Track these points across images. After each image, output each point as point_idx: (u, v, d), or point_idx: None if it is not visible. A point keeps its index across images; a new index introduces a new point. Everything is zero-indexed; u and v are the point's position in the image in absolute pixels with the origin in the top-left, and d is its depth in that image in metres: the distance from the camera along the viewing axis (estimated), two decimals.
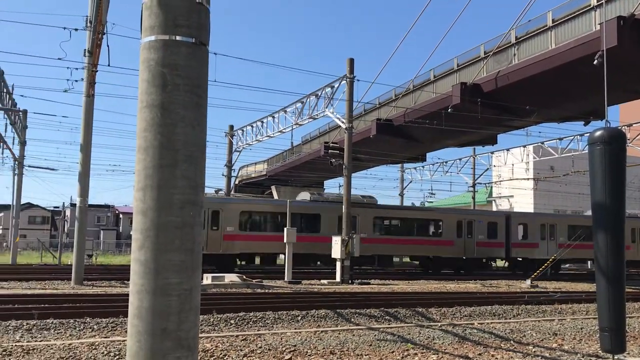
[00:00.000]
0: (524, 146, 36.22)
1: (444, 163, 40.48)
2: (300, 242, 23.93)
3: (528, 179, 46.83)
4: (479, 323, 12.18)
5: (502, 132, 29.36)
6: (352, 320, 12.12)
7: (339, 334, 10.23)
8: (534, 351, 9.20)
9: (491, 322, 12.38)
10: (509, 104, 23.12)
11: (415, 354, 8.74)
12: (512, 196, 55.45)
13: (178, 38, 3.16)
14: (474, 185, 41.53)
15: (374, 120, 29.07)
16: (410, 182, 46.62)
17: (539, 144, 33.70)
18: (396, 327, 11.31)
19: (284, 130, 28.35)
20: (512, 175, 47.04)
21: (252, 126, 31.44)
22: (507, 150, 37.31)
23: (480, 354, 8.84)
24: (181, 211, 3.13)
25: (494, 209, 59.54)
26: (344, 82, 23.03)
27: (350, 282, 21.44)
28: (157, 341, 3.02)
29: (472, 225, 29.72)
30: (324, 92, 24.58)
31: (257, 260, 28.67)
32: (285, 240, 21.56)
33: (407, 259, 34.32)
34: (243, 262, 27.22)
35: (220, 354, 8.23)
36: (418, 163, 40.61)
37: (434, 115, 24.84)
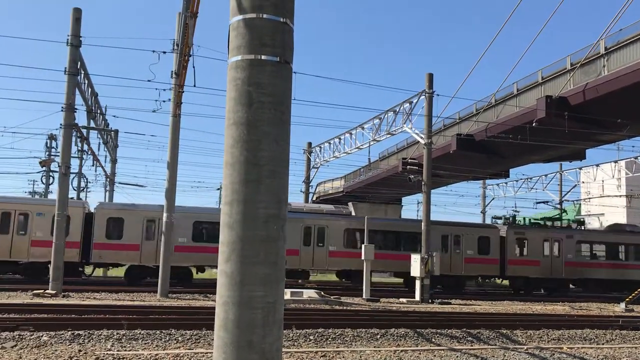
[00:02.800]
0: (616, 161, 34.29)
1: (529, 179, 39.04)
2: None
3: (620, 196, 44.25)
4: (568, 347, 11.56)
5: (591, 147, 27.95)
6: (433, 340, 11.84)
7: (420, 354, 10.02)
8: None
9: (582, 347, 11.72)
10: (599, 117, 22.03)
11: None
12: (602, 214, 52.55)
13: (263, 57, 3.25)
14: (560, 203, 39.73)
15: (454, 135, 28.53)
16: (493, 199, 45.28)
17: (632, 159, 31.83)
18: (479, 348, 10.94)
19: (361, 147, 28.39)
20: (602, 192, 44.61)
21: (329, 143, 31.72)
22: (597, 165, 35.47)
23: None
24: (265, 225, 3.19)
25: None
26: (422, 97, 22.82)
27: (430, 301, 21.00)
28: (242, 353, 3.07)
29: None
30: (402, 107, 24.44)
31: None
32: (363, 258, 21.48)
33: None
34: None
35: None
36: (501, 179, 39.39)
37: (517, 130, 24.06)
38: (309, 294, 18.72)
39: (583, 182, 40.47)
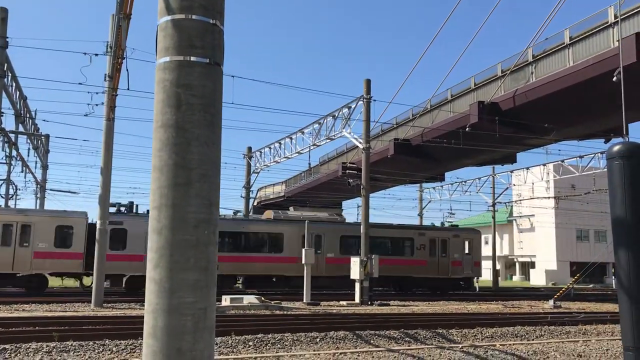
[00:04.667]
0: (544, 164, 35.87)
1: (463, 182, 40.26)
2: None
3: (549, 197, 46.27)
4: (500, 344, 11.95)
5: (521, 151, 29.16)
6: (372, 342, 11.97)
7: (358, 356, 10.11)
8: None
9: (513, 344, 12.14)
10: (528, 122, 23.00)
11: None
12: (533, 215, 54.76)
13: (192, 59, 3.20)
14: (493, 205, 41.13)
15: (392, 140, 29.07)
16: (430, 202, 46.38)
17: (559, 162, 33.36)
18: (416, 348, 11.15)
19: (301, 151, 28.49)
20: (532, 194, 46.51)
21: (270, 147, 31.64)
22: (527, 168, 36.97)
23: None
24: (195, 230, 3.14)
25: (515, 228, 58.82)
26: (361, 102, 23.12)
27: (369, 303, 21.25)
28: None
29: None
30: (341, 112, 24.69)
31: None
32: (303, 262, 21.51)
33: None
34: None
35: None
36: (437, 183, 40.40)
37: (451, 135, 24.78)
38: (249, 299, 18.57)
39: (514, 185, 42.05)
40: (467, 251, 29.94)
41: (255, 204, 46.49)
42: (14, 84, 22.12)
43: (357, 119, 23.72)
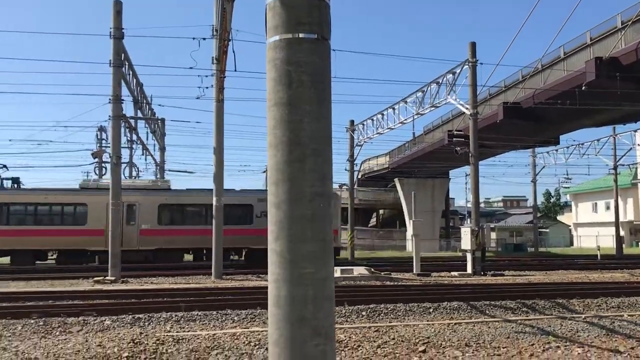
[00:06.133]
0: None
1: (580, 145, 37.82)
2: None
3: None
4: (629, 315, 11.26)
5: None
6: (487, 312, 11.74)
7: (474, 326, 9.96)
8: None
9: None
10: None
11: (558, 346, 8.28)
12: None
13: (301, 35, 3.24)
14: (615, 168, 38.37)
15: (501, 104, 27.89)
16: (544, 167, 44.16)
17: None
18: (535, 319, 10.79)
19: (405, 121, 28.09)
20: None
21: (372, 119, 31.50)
22: None
23: (632, 348, 8.17)
24: (311, 203, 3.21)
25: None
26: (466, 66, 22.33)
27: (482, 273, 20.78)
28: (295, 329, 3.13)
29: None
30: (445, 78, 24.00)
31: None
32: (411, 233, 21.38)
33: None
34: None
35: (354, 344, 8.36)
36: (551, 147, 38.34)
37: (566, 95, 23.32)
38: (359, 270, 18.82)
39: (639, 145, 38.95)
40: None
41: (359, 176, 46.71)
42: (130, 73, 23.60)
43: (463, 84, 22.98)
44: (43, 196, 24.07)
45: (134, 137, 31.32)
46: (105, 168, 35.09)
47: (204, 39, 17.09)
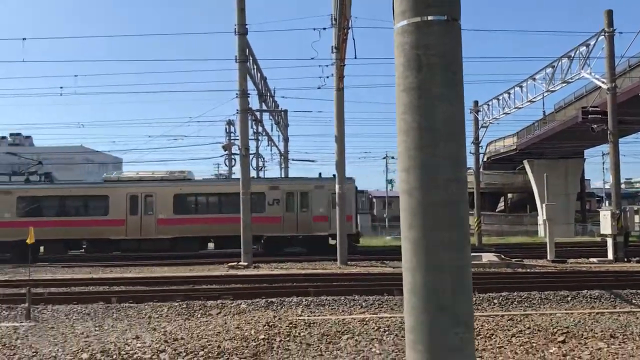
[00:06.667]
0: None
1: None
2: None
3: None
4: None
5: None
6: (634, 301, 10.86)
7: (619, 316, 9.28)
8: None
9: None
10: None
11: None
12: None
13: (430, 18, 3.16)
14: None
15: None
16: None
17: None
18: None
19: (533, 100, 26.56)
20: None
21: (498, 99, 30.18)
22: None
23: None
24: (445, 189, 3.14)
25: None
26: (601, 37, 20.65)
27: (625, 259, 19.24)
28: (433, 317, 3.09)
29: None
30: (577, 52, 22.35)
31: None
32: (544, 217, 20.27)
33: None
34: None
35: (487, 333, 8.12)
36: None
37: None
38: (488, 257, 18.23)
39: None
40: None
41: (485, 159, 45.10)
42: (255, 67, 24.53)
43: (598, 57, 21.26)
44: (70, 189, 26.02)
45: (260, 129, 32.63)
46: (234, 160, 36.92)
47: (324, 28, 17.33)
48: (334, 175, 23.62)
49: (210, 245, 26.78)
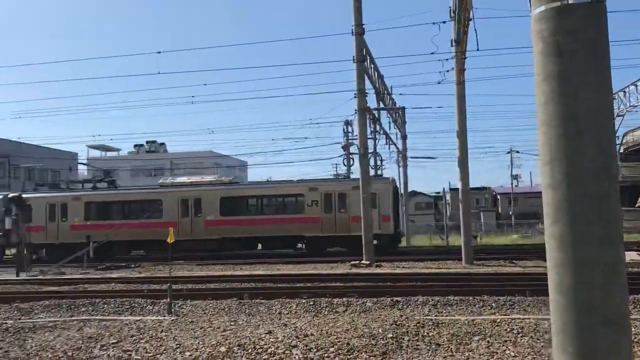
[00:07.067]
0: None
1: None
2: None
3: None
4: None
5: None
6: None
7: None
8: None
9: None
10: None
11: None
12: None
13: (571, 1, 2.99)
14: None
15: None
16: None
17: None
18: None
19: None
20: None
21: (636, 85, 27.85)
22: None
23: None
24: (594, 181, 2.96)
25: None
26: None
27: None
28: (581, 317, 2.92)
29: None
30: None
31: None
32: None
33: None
34: None
35: (635, 337, 7.51)
36: None
37: None
38: (630, 256, 16.87)
39: None
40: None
41: (621, 150, 41.76)
42: (372, 66, 24.59)
43: None
44: (129, 194, 28.57)
45: (377, 128, 32.64)
46: (352, 159, 37.26)
47: (444, 22, 16.98)
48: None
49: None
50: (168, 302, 11.17)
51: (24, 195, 26.48)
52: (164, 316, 10.67)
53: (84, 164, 61.86)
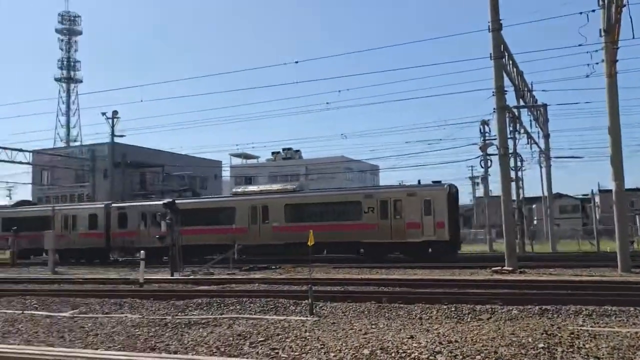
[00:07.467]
0: None
1: None
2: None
3: None
4: None
5: None
6: None
7: None
8: None
9: None
10: None
11: None
12: None
13: None
14: None
15: None
16: None
17: None
18: None
19: None
20: None
21: None
22: None
23: None
24: None
25: None
26: None
27: None
28: None
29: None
30: None
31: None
32: None
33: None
34: None
35: None
36: None
37: None
38: None
39: None
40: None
41: None
42: (510, 63, 23.51)
43: None
44: (208, 203, 31.57)
45: (517, 127, 31.14)
46: (490, 160, 35.85)
47: (593, 10, 15.74)
48: (419, 182, 27.40)
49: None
50: (309, 303, 11.44)
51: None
52: (306, 317, 10.94)
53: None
